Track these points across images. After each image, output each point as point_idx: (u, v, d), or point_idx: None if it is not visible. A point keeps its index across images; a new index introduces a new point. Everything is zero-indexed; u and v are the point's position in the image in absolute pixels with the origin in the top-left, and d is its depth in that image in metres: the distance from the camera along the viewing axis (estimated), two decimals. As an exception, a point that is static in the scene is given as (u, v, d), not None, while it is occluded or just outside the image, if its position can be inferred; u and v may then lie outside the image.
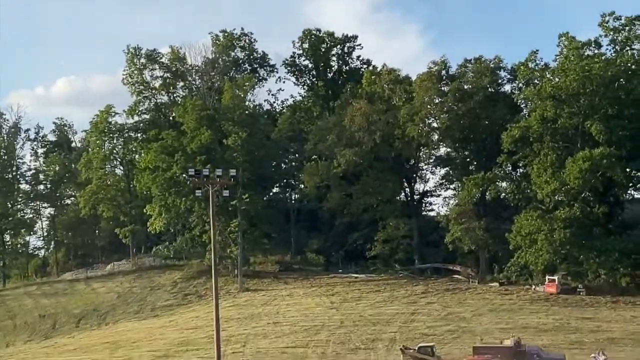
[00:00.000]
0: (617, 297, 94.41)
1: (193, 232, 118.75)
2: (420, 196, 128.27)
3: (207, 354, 74.85)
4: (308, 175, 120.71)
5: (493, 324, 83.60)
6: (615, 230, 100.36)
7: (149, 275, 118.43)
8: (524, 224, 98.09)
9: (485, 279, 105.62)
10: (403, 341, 75.03)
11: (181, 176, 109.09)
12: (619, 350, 69.67)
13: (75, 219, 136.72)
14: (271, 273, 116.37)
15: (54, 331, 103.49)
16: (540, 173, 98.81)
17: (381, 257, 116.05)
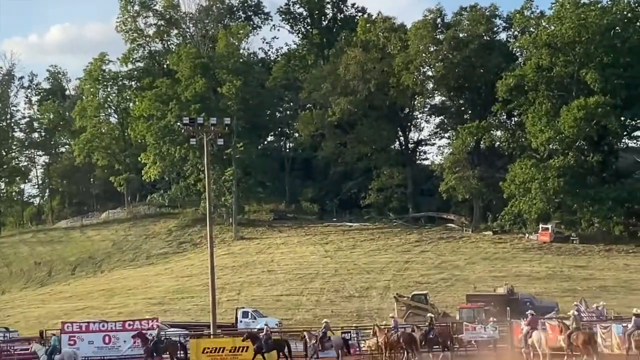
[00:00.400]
0: (610, 245, 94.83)
1: (188, 180, 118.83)
2: (414, 145, 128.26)
3: (202, 302, 75.29)
4: (302, 123, 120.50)
5: (486, 272, 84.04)
6: (609, 179, 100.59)
7: (144, 224, 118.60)
8: (518, 173, 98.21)
9: (479, 228, 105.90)
10: (397, 289, 75.44)
11: (175, 124, 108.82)
12: (611, 298, 70.17)
13: (69, 167, 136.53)
14: (265, 221, 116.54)
15: (50, 278, 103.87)
16: (534, 122, 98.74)
17: (375, 206, 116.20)
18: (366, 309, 74.04)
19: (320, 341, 47.69)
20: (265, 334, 48.25)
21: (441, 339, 48.41)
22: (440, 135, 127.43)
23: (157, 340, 47.51)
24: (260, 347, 47.30)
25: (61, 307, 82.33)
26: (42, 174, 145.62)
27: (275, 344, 47.72)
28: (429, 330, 48.35)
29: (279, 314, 71.29)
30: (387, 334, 47.56)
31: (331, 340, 48.03)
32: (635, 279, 79.58)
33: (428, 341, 48.07)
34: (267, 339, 47.59)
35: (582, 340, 41.09)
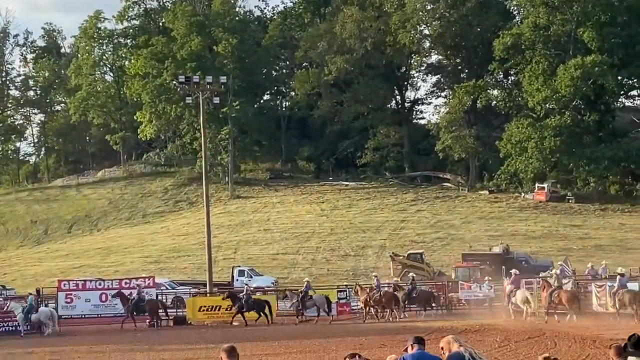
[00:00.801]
0: (605, 204, 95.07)
1: (184, 139, 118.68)
2: (411, 104, 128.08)
3: (198, 260, 75.54)
4: (299, 82, 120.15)
5: (482, 232, 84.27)
6: (605, 139, 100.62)
7: (140, 182, 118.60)
8: (515, 132, 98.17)
9: (475, 187, 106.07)
10: (392, 248, 75.68)
11: (171, 83, 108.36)
12: (607, 257, 70.25)
13: (65, 125, 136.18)
14: (262, 180, 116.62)
15: (46, 237, 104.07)
16: (531, 81, 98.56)
17: (371, 165, 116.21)
18: (362, 267, 74.29)
19: (301, 300, 47.89)
20: (245, 293, 48.40)
21: (423, 298, 48.89)
22: (436, 94, 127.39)
23: (137, 300, 47.64)
24: (241, 307, 47.51)
25: (58, 265, 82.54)
26: (37, 132, 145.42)
27: (255, 303, 47.86)
28: (411, 290, 48.79)
29: (275, 272, 71.58)
30: (369, 293, 47.84)
31: (313, 299, 48.25)
32: (631, 238, 79.89)
33: (410, 300, 48.59)
34: (248, 299, 47.72)
35: (564, 298, 42.03)
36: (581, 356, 28.12)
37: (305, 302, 48.06)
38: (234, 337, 38.05)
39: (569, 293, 43.03)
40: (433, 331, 35.58)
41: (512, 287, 45.86)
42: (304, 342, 36.78)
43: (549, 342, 32.94)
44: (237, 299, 48.06)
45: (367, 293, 47.80)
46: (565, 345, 31.58)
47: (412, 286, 49.09)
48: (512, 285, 46.06)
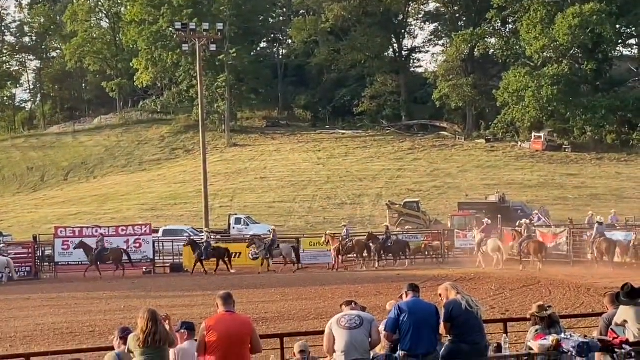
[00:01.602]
0: (602, 154, 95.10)
1: (180, 86, 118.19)
2: (408, 52, 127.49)
3: (194, 208, 75.63)
4: (296, 30, 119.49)
5: (478, 180, 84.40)
6: (602, 88, 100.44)
7: (136, 130, 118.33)
8: (512, 81, 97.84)
9: (472, 136, 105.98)
10: (389, 197, 75.78)
11: (168, 30, 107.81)
12: (603, 206, 70.52)
13: (61, 72, 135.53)
14: (258, 129, 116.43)
15: (43, 184, 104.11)
16: (529, 29, 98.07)
17: (368, 114, 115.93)
18: (358, 216, 74.52)
19: (268, 249, 48.01)
20: (205, 241, 48.50)
21: (398, 247, 49.20)
22: (434, 43, 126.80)
23: (101, 249, 47.69)
24: (200, 255, 47.63)
25: (54, 212, 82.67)
26: (33, 78, 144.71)
27: (215, 251, 47.97)
28: (386, 239, 49.01)
29: (272, 220, 71.65)
30: (341, 242, 48.09)
31: (280, 248, 48.41)
32: (627, 187, 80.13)
33: (385, 249, 48.93)
34: (207, 247, 47.82)
35: (532, 248, 43.24)
36: (575, 304, 28.32)
37: (272, 250, 48.18)
38: (230, 284, 38.25)
39: (536, 243, 44.04)
40: (429, 279, 35.80)
41: (482, 235, 46.70)
42: (300, 290, 37.00)
43: (543, 290, 33.17)
44: (197, 247, 48.15)
45: (340, 242, 48.09)
46: (559, 293, 31.80)
47: (387, 236, 49.43)
48: (483, 233, 46.93)
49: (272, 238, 48.74)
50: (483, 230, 47.41)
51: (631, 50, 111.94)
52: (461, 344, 12.53)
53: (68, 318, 29.83)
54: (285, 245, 49.27)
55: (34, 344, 24.55)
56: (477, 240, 47.02)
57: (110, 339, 13.47)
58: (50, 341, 24.83)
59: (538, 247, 43.63)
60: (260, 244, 48.50)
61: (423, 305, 12.64)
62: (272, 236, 49.01)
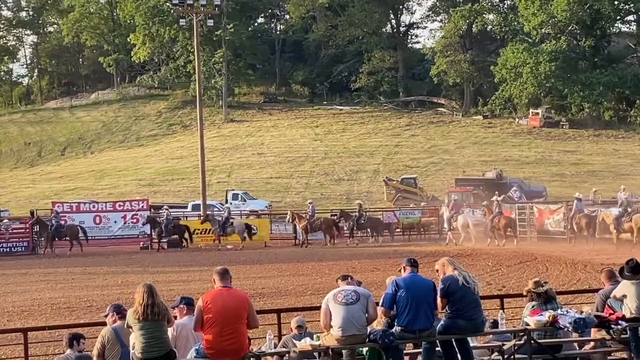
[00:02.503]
0: (599, 130, 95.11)
1: (177, 62, 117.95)
2: (406, 28, 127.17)
3: (191, 183, 75.65)
4: (293, 5, 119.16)
5: (476, 157, 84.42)
6: (600, 64, 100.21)
7: (133, 105, 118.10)
8: (510, 57, 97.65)
9: (469, 112, 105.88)
10: (386, 173, 75.88)
11: (165, 5, 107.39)
12: (600, 182, 70.65)
13: (58, 47, 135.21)
14: (256, 104, 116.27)
15: (40, 159, 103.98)
16: (527, 5, 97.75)
17: (366, 90, 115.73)
18: (355, 192, 74.54)
19: (222, 226, 48.06)
20: (165, 218, 48.45)
21: (371, 225, 49.35)
22: (432, 19, 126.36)
23: (57, 225, 47.60)
24: (161, 232, 47.67)
25: (51, 188, 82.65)
26: (30, 53, 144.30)
27: (175, 228, 47.96)
28: (359, 217, 49.17)
29: (269, 196, 71.81)
30: (309, 220, 48.12)
31: (233, 225, 48.47)
32: (624, 164, 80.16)
33: (359, 227, 49.10)
34: (167, 224, 47.81)
35: (503, 224, 44.15)
36: (572, 280, 28.40)
37: (226, 228, 48.26)
38: (227, 260, 38.35)
39: (506, 219, 44.88)
40: (426, 255, 35.85)
41: (452, 212, 47.31)
42: (297, 265, 37.09)
43: (540, 266, 33.26)
44: (157, 224, 48.11)
45: (307, 220, 48.14)
46: (556, 269, 31.87)
47: (360, 213, 49.59)
48: (452, 210, 47.55)
49: (226, 215, 48.80)
50: (452, 207, 48.06)
51: (629, 26, 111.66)
52: (458, 320, 12.56)
53: (65, 293, 29.90)
54: (239, 222, 49.35)
55: (31, 318, 24.62)
56: (447, 216, 47.42)
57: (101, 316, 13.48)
58: (48, 316, 24.90)
59: (506, 222, 44.43)
60: (215, 221, 48.53)
61: (420, 281, 12.64)
62: (226, 214, 49.06)
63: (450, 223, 47.07)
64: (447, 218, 47.31)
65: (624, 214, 40.34)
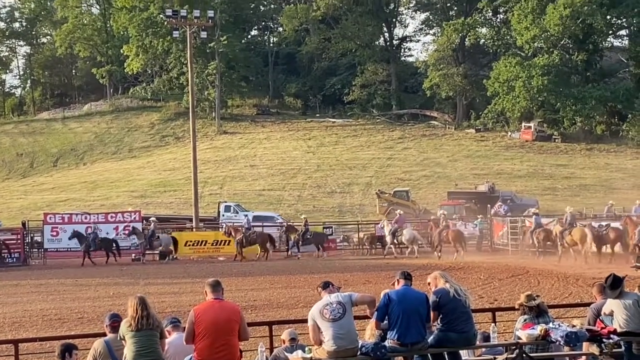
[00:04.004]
0: (591, 144, 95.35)
1: (170, 73, 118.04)
2: (399, 41, 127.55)
3: (184, 195, 75.61)
4: (287, 18, 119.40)
5: (468, 170, 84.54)
6: (593, 78, 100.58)
7: (126, 116, 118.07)
8: (502, 71, 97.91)
9: (462, 125, 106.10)
10: (379, 186, 75.92)
11: (158, 16, 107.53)
12: (592, 196, 70.87)
13: (51, 58, 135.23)
14: (248, 116, 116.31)
15: (32, 170, 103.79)
16: (520, 19, 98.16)
17: (359, 102, 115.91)
18: (348, 204, 74.60)
19: (149, 239, 48.04)
20: (92, 232, 48.26)
21: (316, 240, 49.38)
22: (425, 32, 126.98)
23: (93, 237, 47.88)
24: (88, 246, 47.29)
25: (43, 199, 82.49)
26: (23, 64, 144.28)
27: (102, 242, 47.75)
28: (305, 231, 49.14)
29: (261, 208, 71.64)
30: (244, 233, 48.00)
31: (160, 239, 48.44)
32: (616, 178, 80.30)
33: (305, 241, 49.11)
34: (95, 238, 47.61)
35: (451, 237, 45.08)
36: (564, 294, 28.38)
37: (153, 241, 48.19)
38: (220, 271, 38.27)
39: (455, 232, 45.75)
40: (418, 268, 35.82)
41: (396, 226, 47.97)
42: (289, 278, 37.03)
43: (532, 280, 33.25)
44: (84, 238, 47.82)
45: (242, 233, 48.01)
46: (548, 283, 31.86)
47: (306, 228, 49.56)
48: (396, 224, 48.16)
49: (152, 229, 48.65)
50: (396, 221, 48.49)
51: (622, 41, 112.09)
52: (449, 333, 12.57)
53: (57, 304, 29.80)
54: (165, 236, 49.19)
55: (22, 329, 24.52)
56: (389, 230, 47.72)
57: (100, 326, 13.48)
58: (39, 327, 24.80)
59: (456, 235, 45.27)
60: (140, 235, 48.37)
61: (413, 294, 12.64)
62: (152, 227, 48.90)
63: (395, 237, 47.45)
64: (392, 231, 47.62)
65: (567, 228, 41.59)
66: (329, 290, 12.72)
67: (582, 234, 40.18)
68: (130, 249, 49.89)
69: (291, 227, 50.60)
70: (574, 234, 40.66)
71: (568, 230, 41.26)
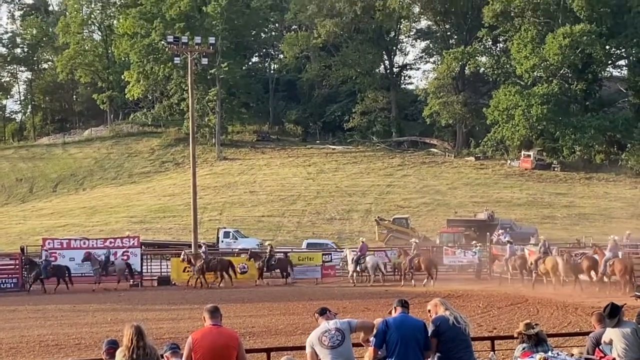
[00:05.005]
0: (591, 173, 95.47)
1: (171, 99, 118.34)
2: (399, 69, 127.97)
3: (183, 221, 75.56)
4: (288, 45, 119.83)
5: (467, 198, 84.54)
6: (592, 108, 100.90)
7: (126, 142, 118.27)
8: (502, 99, 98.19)
9: (462, 153, 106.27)
10: (378, 212, 75.88)
11: (160, 43, 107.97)
12: (591, 225, 70.87)
13: (52, 83, 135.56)
14: (249, 143, 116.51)
15: (32, 195, 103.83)
16: (520, 48, 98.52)
17: (359, 129, 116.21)
18: (347, 231, 74.55)
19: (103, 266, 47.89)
20: (44, 259, 47.95)
21: (281, 265, 49.32)
22: (425, 60, 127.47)
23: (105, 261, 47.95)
24: (39, 274, 46.66)
25: (42, 224, 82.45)
26: (24, 90, 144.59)
27: (54, 269, 47.36)
28: (269, 258, 49.10)
29: (261, 234, 71.65)
30: (205, 259, 47.88)
31: (114, 264, 48.29)
32: (615, 207, 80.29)
33: (269, 267, 49.08)
34: (47, 265, 47.05)
35: (423, 264, 46.04)
36: (563, 323, 28.31)
37: (108, 267, 48.07)
38: (217, 298, 38.19)
39: (427, 260, 46.59)
40: (416, 296, 35.76)
41: (359, 254, 48.09)
42: (287, 304, 36.94)
43: (531, 308, 33.17)
44: (35, 266, 47.42)
45: (203, 260, 47.88)
46: (547, 312, 31.79)
47: (271, 254, 49.49)
48: (360, 252, 48.25)
49: (106, 255, 48.47)
50: (360, 249, 48.52)
51: (621, 71, 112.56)
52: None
53: (54, 330, 29.70)
54: (120, 261, 48.95)
55: (19, 355, 24.44)
56: (352, 258, 48.06)
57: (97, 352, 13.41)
58: (36, 353, 24.72)
59: (428, 263, 46.06)
60: (95, 261, 48.18)
61: (410, 321, 12.59)
62: (106, 253, 48.70)
63: (358, 264, 47.63)
64: (354, 260, 47.82)
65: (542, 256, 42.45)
66: (326, 317, 12.67)
67: (553, 263, 41.10)
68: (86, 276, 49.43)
69: (255, 253, 50.59)
70: (547, 262, 41.63)
71: (542, 259, 42.17)
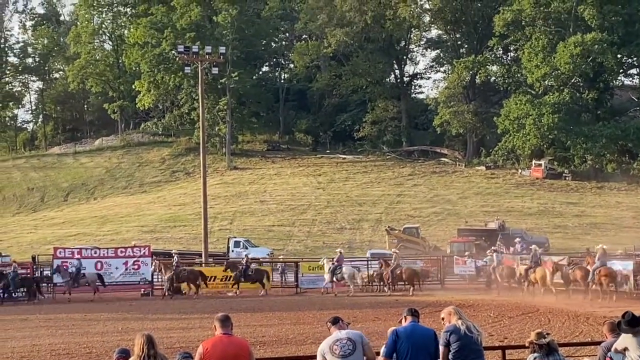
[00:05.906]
0: (602, 182, 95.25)
1: (182, 109, 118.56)
2: (410, 78, 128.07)
3: (194, 230, 75.60)
4: (298, 54, 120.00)
5: (478, 207, 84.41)
6: (603, 117, 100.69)
7: (137, 151, 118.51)
8: (513, 108, 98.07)
9: (472, 163, 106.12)
10: (389, 222, 75.82)
11: (170, 53, 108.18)
12: (602, 235, 70.58)
13: (63, 93, 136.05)
14: (259, 152, 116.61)
15: (43, 204, 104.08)
16: (531, 57, 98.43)
17: (369, 139, 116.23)
18: (357, 241, 74.50)
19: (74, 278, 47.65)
20: (13, 271, 47.35)
21: (257, 276, 49.15)
22: (435, 69, 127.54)
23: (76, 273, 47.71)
24: (7, 285, 46.01)
25: (54, 233, 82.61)
26: (35, 99, 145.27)
27: (23, 281, 46.75)
28: (245, 268, 48.91)
29: (271, 244, 71.68)
30: (174, 270, 47.74)
31: (86, 276, 48.06)
32: (626, 216, 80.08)
33: (246, 277, 48.91)
34: (15, 276, 46.19)
35: (405, 275, 46.58)
36: (574, 332, 28.20)
37: (79, 279, 47.89)
38: (228, 307, 38.15)
39: (409, 270, 47.03)
40: (427, 305, 35.68)
41: (337, 264, 47.99)
42: (297, 314, 36.87)
43: (542, 318, 33.05)
44: (3, 277, 46.93)
45: (173, 270, 47.73)
46: (558, 321, 31.67)
47: (247, 265, 49.28)
48: (337, 263, 48.18)
49: (77, 267, 48.21)
50: (337, 260, 48.38)
51: (632, 79, 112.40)
52: (459, 370, 12.46)
53: (65, 339, 29.70)
54: (91, 273, 48.69)
55: (30, 364, 24.44)
56: (329, 268, 47.96)
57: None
58: (47, 362, 24.72)
59: (410, 274, 46.50)
60: (66, 273, 47.99)
61: (421, 330, 12.56)
62: (77, 264, 48.45)
63: (334, 274, 47.49)
64: (330, 269, 47.70)
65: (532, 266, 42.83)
66: (338, 326, 12.65)
67: (542, 274, 41.69)
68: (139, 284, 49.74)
69: (232, 264, 50.52)
70: (537, 272, 42.14)
71: (533, 269, 42.60)
